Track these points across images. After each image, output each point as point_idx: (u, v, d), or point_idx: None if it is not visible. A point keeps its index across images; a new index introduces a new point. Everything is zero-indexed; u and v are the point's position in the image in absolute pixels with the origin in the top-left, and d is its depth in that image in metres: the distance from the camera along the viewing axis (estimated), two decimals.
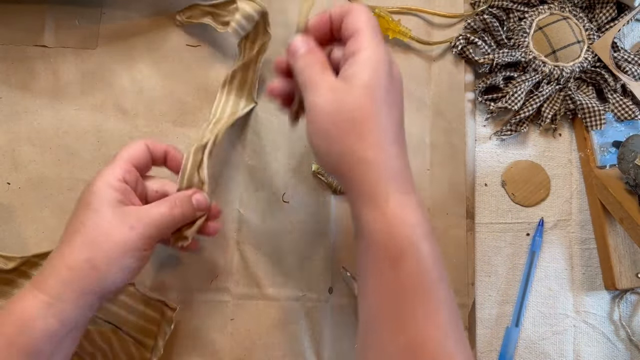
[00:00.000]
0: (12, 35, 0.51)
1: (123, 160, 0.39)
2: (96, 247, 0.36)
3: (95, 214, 0.37)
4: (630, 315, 0.50)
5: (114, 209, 0.37)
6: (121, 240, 0.36)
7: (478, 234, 0.51)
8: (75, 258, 0.35)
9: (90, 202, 0.37)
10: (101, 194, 0.37)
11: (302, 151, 0.51)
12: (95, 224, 0.36)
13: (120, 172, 0.38)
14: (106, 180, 0.38)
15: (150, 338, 0.45)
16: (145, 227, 0.37)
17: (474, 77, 0.53)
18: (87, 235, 0.36)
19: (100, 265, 0.35)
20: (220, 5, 0.49)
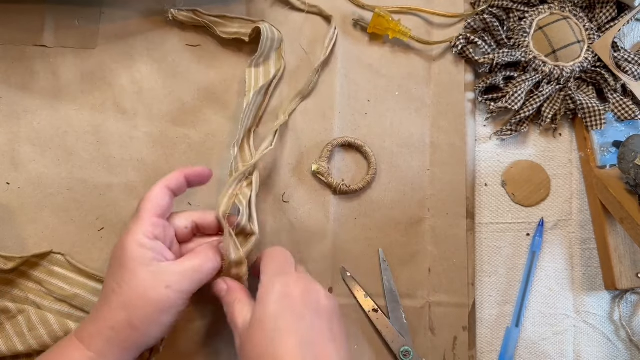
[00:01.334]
0: (12, 35, 0.51)
1: (148, 214, 0.39)
2: (134, 309, 0.37)
3: (131, 275, 0.37)
4: (630, 315, 0.50)
5: (148, 267, 0.37)
6: (158, 299, 0.37)
7: (478, 234, 0.51)
8: (115, 319, 0.37)
9: (124, 263, 0.38)
10: (134, 254, 0.38)
11: (302, 151, 0.51)
12: (131, 286, 0.37)
13: (149, 228, 0.39)
14: (137, 240, 0.38)
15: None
16: (180, 284, 0.38)
17: (474, 77, 0.53)
18: (124, 296, 0.37)
19: (140, 326, 0.37)
20: (226, 17, 0.50)
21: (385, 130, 0.51)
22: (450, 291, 0.49)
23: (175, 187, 0.41)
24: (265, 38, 0.49)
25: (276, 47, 0.51)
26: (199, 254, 0.40)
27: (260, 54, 0.50)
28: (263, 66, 0.51)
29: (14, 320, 0.44)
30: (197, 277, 0.39)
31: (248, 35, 0.50)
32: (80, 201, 0.49)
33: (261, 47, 0.49)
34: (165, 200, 0.40)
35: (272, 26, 0.51)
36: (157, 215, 0.40)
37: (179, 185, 0.42)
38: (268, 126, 0.51)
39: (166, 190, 0.41)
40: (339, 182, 0.49)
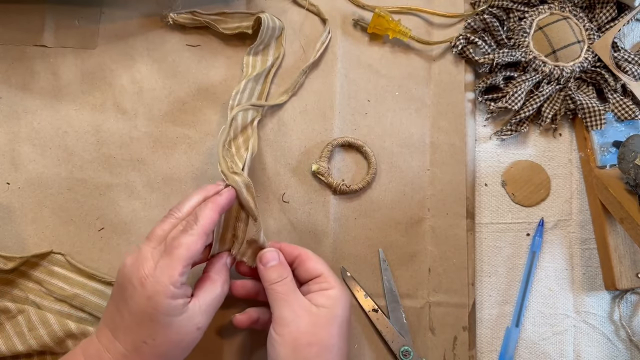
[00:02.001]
0: (12, 35, 0.51)
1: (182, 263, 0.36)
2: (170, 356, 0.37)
3: (164, 328, 0.36)
4: (630, 315, 0.50)
5: (180, 317, 0.36)
6: (191, 341, 0.38)
7: (478, 234, 0.51)
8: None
9: (155, 316, 0.35)
10: (165, 308, 0.35)
11: (302, 151, 0.51)
12: (165, 338, 0.36)
13: (179, 279, 0.36)
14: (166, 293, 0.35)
15: None
16: (207, 320, 0.39)
17: (474, 77, 0.53)
18: (159, 348, 0.36)
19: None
20: (225, 13, 0.50)
21: (385, 130, 0.51)
22: (450, 291, 0.49)
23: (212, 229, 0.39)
24: (266, 27, 0.49)
25: (277, 35, 0.52)
26: (216, 281, 0.40)
27: (260, 42, 0.50)
28: (262, 54, 0.51)
29: (14, 320, 0.44)
30: (218, 306, 0.40)
31: (251, 27, 0.50)
32: (80, 201, 0.49)
33: (261, 35, 0.50)
34: (200, 250, 0.37)
35: (272, 16, 0.51)
36: (188, 264, 0.37)
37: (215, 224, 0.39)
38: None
39: (204, 238, 0.37)
40: (339, 182, 0.49)
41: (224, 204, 0.40)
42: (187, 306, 0.37)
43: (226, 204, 0.40)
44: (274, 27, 0.50)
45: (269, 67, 0.51)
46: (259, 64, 0.51)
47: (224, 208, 0.40)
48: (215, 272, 0.41)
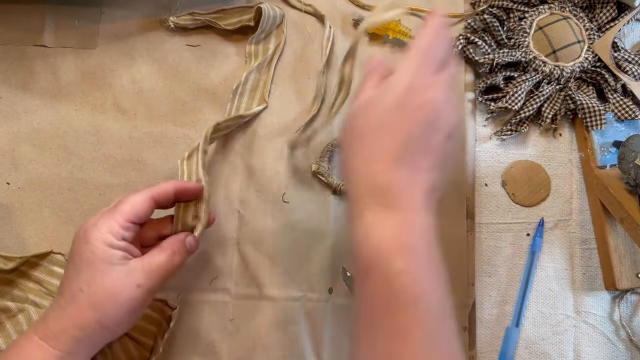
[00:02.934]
0: (12, 35, 0.51)
1: (122, 216, 0.38)
2: (105, 309, 0.36)
3: (100, 274, 0.36)
4: (630, 315, 0.50)
5: (118, 267, 0.37)
6: (129, 298, 0.37)
7: (478, 234, 0.51)
8: (84, 319, 0.36)
9: (93, 263, 0.37)
10: (103, 254, 0.37)
11: (302, 151, 0.51)
12: (101, 285, 0.36)
13: (119, 230, 0.38)
14: (105, 240, 0.37)
15: (150, 338, 0.45)
16: (150, 282, 0.38)
17: (474, 77, 0.53)
18: (94, 296, 0.36)
19: (111, 325, 0.37)
20: (224, 10, 0.51)
21: None
22: (450, 291, 0.49)
23: (162, 199, 0.40)
24: (266, 16, 0.50)
25: (278, 23, 0.52)
26: (166, 249, 0.40)
27: (262, 31, 0.51)
28: (263, 42, 0.52)
29: (14, 319, 0.44)
30: (165, 274, 0.39)
31: (252, 19, 0.50)
32: (80, 201, 0.49)
33: (262, 25, 0.50)
34: (144, 210, 0.39)
35: (272, 5, 0.51)
36: (131, 221, 0.38)
37: (167, 198, 0.41)
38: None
39: (150, 201, 0.39)
40: (339, 182, 0.49)
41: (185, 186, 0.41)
42: (128, 261, 0.37)
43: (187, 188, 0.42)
44: (275, 16, 0.51)
45: (271, 55, 0.51)
46: (260, 52, 0.51)
47: (184, 190, 0.41)
48: (168, 242, 0.41)
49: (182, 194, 0.42)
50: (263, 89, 0.51)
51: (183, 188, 0.41)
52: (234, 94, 0.50)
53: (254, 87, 0.51)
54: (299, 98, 0.52)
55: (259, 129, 0.51)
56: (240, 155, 0.50)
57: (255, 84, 0.51)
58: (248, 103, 0.50)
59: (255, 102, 0.51)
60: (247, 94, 0.50)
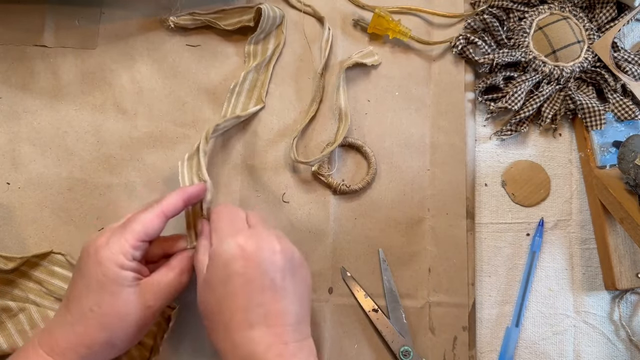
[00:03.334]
0: (12, 35, 0.51)
1: (134, 236, 0.37)
2: (114, 330, 0.37)
3: (111, 296, 0.36)
4: (630, 315, 0.50)
5: (129, 288, 0.37)
6: (139, 319, 0.37)
7: (478, 234, 0.51)
8: (93, 339, 0.36)
9: (104, 283, 0.36)
10: (115, 276, 0.36)
11: (302, 151, 0.51)
12: (112, 307, 0.36)
13: (130, 250, 0.37)
14: (116, 262, 0.37)
15: (150, 338, 0.45)
16: (159, 302, 0.38)
17: (474, 77, 0.53)
18: (104, 317, 0.36)
19: (119, 344, 0.37)
20: (224, 10, 0.51)
21: (385, 130, 0.51)
22: (450, 291, 0.49)
23: (172, 214, 0.40)
24: (266, 16, 0.50)
25: (277, 23, 0.52)
26: (174, 268, 0.40)
27: (261, 31, 0.51)
28: (262, 43, 0.52)
29: (15, 319, 0.44)
30: (172, 293, 0.39)
31: (252, 20, 0.50)
32: (80, 201, 0.49)
33: (261, 25, 0.50)
34: (155, 228, 0.39)
35: (272, 5, 0.51)
36: (142, 240, 0.38)
37: (177, 211, 0.40)
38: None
39: (161, 217, 0.39)
40: (339, 182, 0.49)
41: (191, 192, 0.41)
42: (139, 282, 0.38)
43: (193, 193, 0.41)
44: (275, 16, 0.51)
45: (270, 56, 0.51)
46: (259, 53, 0.51)
47: (191, 197, 0.41)
48: (176, 260, 0.41)
49: (190, 200, 0.41)
50: (261, 89, 0.51)
51: (189, 195, 0.41)
52: (231, 93, 0.50)
53: (252, 87, 0.51)
54: (299, 98, 0.52)
55: (259, 129, 0.51)
56: (241, 155, 0.50)
57: (253, 83, 0.51)
58: (245, 103, 0.50)
59: (252, 102, 0.51)
60: (244, 93, 0.50)
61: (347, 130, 0.50)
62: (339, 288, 0.49)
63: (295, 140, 0.49)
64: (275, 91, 0.52)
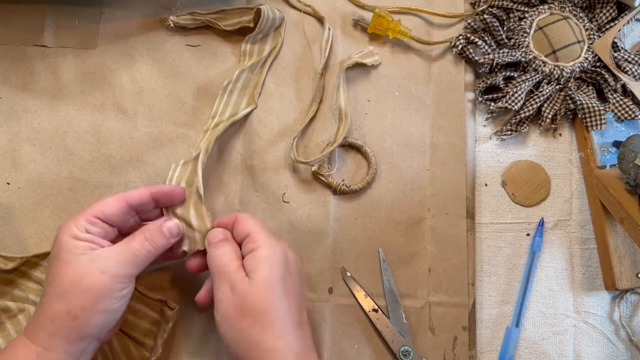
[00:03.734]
0: (12, 35, 0.51)
1: (90, 212, 0.39)
2: (70, 298, 0.36)
3: (64, 265, 0.37)
4: (630, 315, 0.50)
5: (81, 256, 0.37)
6: (93, 286, 0.36)
7: (478, 234, 0.51)
8: (54, 311, 0.36)
9: (57, 255, 0.37)
10: (66, 245, 0.37)
11: (302, 151, 0.51)
12: (65, 275, 0.36)
13: (83, 223, 0.38)
14: (69, 232, 0.38)
15: (150, 338, 0.45)
16: (117, 268, 0.37)
17: (474, 77, 0.53)
18: (60, 287, 0.36)
19: (80, 314, 0.36)
20: (224, 11, 0.51)
21: (385, 130, 0.51)
22: (450, 291, 0.49)
23: (135, 203, 0.40)
24: (265, 18, 0.50)
25: (276, 25, 0.52)
26: (137, 236, 0.39)
27: (259, 32, 0.51)
28: (259, 43, 0.51)
29: (14, 319, 0.44)
30: (136, 260, 0.38)
31: (252, 21, 0.50)
32: (80, 201, 0.49)
33: (260, 26, 0.50)
34: (113, 209, 0.39)
35: (272, 7, 0.51)
36: (96, 216, 0.38)
37: (142, 202, 0.40)
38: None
39: (122, 202, 0.40)
40: (339, 182, 0.49)
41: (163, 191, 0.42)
42: (93, 251, 0.37)
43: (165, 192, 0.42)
44: (274, 18, 0.50)
45: (266, 57, 0.51)
46: (255, 53, 0.51)
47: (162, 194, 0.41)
48: (141, 230, 0.40)
49: (162, 197, 0.42)
50: (253, 89, 0.51)
51: (161, 192, 0.41)
52: (223, 90, 0.50)
53: (245, 86, 0.51)
54: (299, 98, 0.52)
55: (259, 129, 0.51)
56: (241, 155, 0.50)
57: (246, 83, 0.51)
58: (237, 102, 0.50)
59: (244, 101, 0.50)
60: (236, 92, 0.50)
61: (347, 130, 0.50)
62: (339, 288, 0.49)
63: (295, 140, 0.49)
64: (275, 91, 0.52)
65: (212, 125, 0.49)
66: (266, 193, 0.50)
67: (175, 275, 0.48)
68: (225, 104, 0.50)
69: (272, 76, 0.52)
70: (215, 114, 0.49)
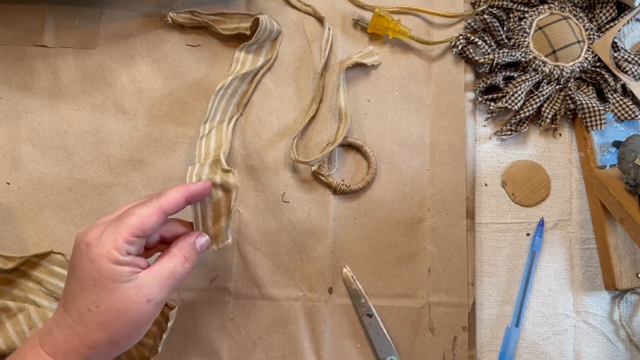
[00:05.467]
0: (12, 35, 0.51)
1: (126, 230, 0.35)
2: (115, 328, 0.35)
3: (108, 294, 0.35)
4: (630, 315, 0.50)
5: (126, 284, 0.35)
6: (139, 315, 0.35)
7: (478, 234, 0.51)
8: (95, 339, 0.35)
9: (99, 281, 0.35)
10: (108, 272, 0.35)
11: (302, 151, 0.51)
12: (110, 304, 0.35)
13: (124, 245, 0.35)
14: (110, 257, 0.35)
15: (151, 338, 0.45)
16: (160, 294, 0.36)
17: (474, 77, 0.53)
18: (104, 316, 0.35)
19: (122, 342, 0.36)
20: (224, 14, 0.51)
21: (385, 130, 0.51)
22: (450, 291, 0.49)
23: (172, 210, 0.38)
24: (263, 28, 0.49)
25: (273, 37, 0.51)
26: (176, 256, 0.38)
27: (255, 42, 0.50)
28: (254, 53, 0.51)
29: (14, 319, 0.44)
30: (174, 283, 0.37)
31: (249, 29, 0.50)
32: (80, 201, 0.49)
33: (256, 35, 0.50)
34: (152, 224, 0.36)
35: (271, 18, 0.51)
36: (137, 235, 0.36)
37: (177, 208, 0.38)
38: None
39: (160, 214, 0.37)
40: (339, 182, 0.49)
41: (193, 190, 0.39)
42: (137, 276, 0.35)
43: (196, 191, 0.40)
44: (271, 30, 0.50)
45: (258, 68, 0.51)
46: (248, 62, 0.51)
47: (192, 194, 0.39)
48: (177, 248, 0.38)
49: (194, 197, 0.40)
50: (241, 98, 0.51)
51: (192, 193, 0.39)
52: (215, 94, 0.50)
53: (233, 93, 0.50)
54: (299, 98, 0.52)
55: (259, 129, 0.51)
56: (241, 155, 0.50)
57: (235, 90, 0.50)
58: (225, 107, 0.50)
59: (231, 107, 0.50)
60: (226, 98, 0.50)
61: (347, 130, 0.50)
62: (339, 288, 0.49)
63: (295, 140, 0.49)
64: (275, 91, 0.52)
65: (206, 131, 0.49)
66: (266, 193, 0.50)
67: None
68: (216, 109, 0.50)
69: (272, 76, 0.52)
70: (207, 118, 0.49)
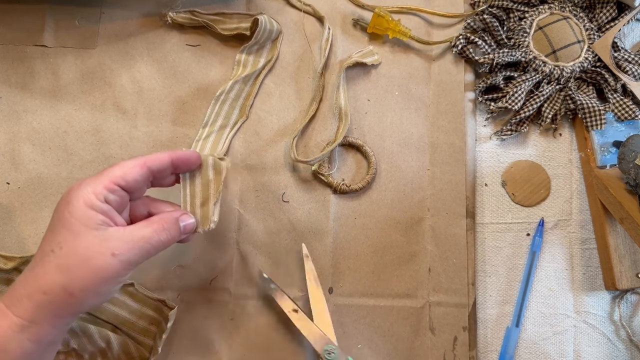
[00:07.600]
0: (12, 35, 0.51)
1: (108, 178, 0.35)
2: (73, 274, 0.33)
3: (74, 237, 0.34)
4: (630, 315, 0.50)
5: (95, 231, 0.34)
6: (101, 268, 0.34)
7: (478, 234, 0.51)
8: (50, 283, 0.33)
9: (68, 223, 0.34)
10: (80, 214, 0.34)
11: (302, 150, 0.51)
12: (73, 248, 0.34)
13: (102, 190, 0.35)
14: (85, 199, 0.34)
15: (150, 338, 0.45)
16: (128, 253, 0.35)
17: (474, 77, 0.53)
18: (64, 259, 0.33)
19: (77, 293, 0.33)
20: (224, 14, 0.51)
21: (385, 130, 0.51)
22: (450, 291, 0.49)
23: (157, 168, 0.37)
24: (262, 29, 0.49)
25: (273, 37, 0.51)
26: (154, 223, 0.37)
27: (255, 42, 0.50)
28: (255, 55, 0.51)
29: None
30: (146, 248, 0.36)
31: (249, 29, 0.50)
32: None
33: (256, 36, 0.50)
34: (134, 175, 0.36)
35: (271, 18, 0.51)
36: (117, 183, 0.35)
37: (162, 167, 0.38)
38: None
39: (143, 167, 0.37)
40: (339, 182, 0.49)
41: (181, 154, 0.39)
42: (108, 228, 0.35)
43: (183, 156, 0.39)
44: (271, 30, 0.50)
45: (260, 69, 0.51)
46: (250, 64, 0.51)
47: (180, 158, 0.39)
48: (158, 217, 0.38)
49: (181, 163, 0.39)
50: (245, 101, 0.51)
51: (180, 157, 0.39)
52: (215, 100, 0.50)
53: (237, 97, 0.50)
54: (299, 98, 0.52)
55: (259, 128, 0.51)
56: (241, 155, 0.50)
57: (239, 94, 0.50)
58: (228, 112, 0.50)
59: (235, 112, 0.50)
60: (228, 102, 0.50)
61: (347, 130, 0.50)
62: (339, 288, 0.49)
63: (295, 140, 0.49)
64: (275, 91, 0.52)
65: (203, 135, 0.49)
66: (266, 193, 0.50)
67: (175, 276, 0.48)
68: (217, 113, 0.50)
69: (272, 76, 0.52)
70: (206, 122, 0.49)
